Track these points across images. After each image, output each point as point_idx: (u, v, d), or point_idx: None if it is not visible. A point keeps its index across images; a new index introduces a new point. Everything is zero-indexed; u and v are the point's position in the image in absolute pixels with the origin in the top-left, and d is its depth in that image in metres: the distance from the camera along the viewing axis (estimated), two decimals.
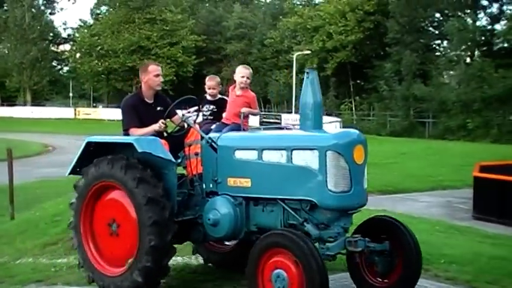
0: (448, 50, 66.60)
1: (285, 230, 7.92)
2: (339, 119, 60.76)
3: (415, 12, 66.44)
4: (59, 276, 10.86)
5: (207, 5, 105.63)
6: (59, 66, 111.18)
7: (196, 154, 9.12)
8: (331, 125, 51.07)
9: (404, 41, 66.65)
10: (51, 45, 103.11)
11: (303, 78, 8.41)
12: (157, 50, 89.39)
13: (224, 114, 9.87)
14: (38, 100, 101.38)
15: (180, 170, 9.65)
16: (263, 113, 77.95)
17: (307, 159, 7.95)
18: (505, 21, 65.97)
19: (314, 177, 7.85)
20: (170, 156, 8.85)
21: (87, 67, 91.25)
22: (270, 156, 8.36)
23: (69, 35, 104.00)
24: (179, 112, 9.92)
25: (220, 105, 10.14)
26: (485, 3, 68.30)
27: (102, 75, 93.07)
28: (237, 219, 8.58)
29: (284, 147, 8.22)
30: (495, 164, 21.93)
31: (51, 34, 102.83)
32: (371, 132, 58.02)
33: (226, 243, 10.32)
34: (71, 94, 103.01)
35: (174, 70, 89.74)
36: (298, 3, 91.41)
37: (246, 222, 8.68)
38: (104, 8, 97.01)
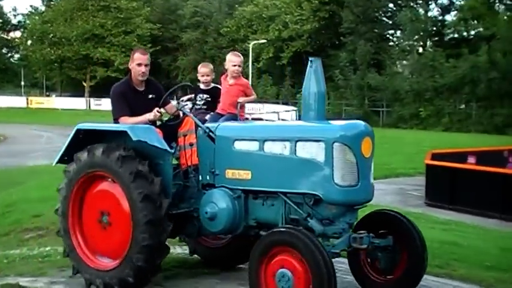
0: (401, 40, 67.43)
1: (290, 227, 7.33)
2: (295, 108, 60.85)
3: (369, 2, 67.30)
4: (12, 268, 10.39)
5: None
6: (10, 54, 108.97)
7: (191, 144, 8.58)
8: (288, 114, 51.40)
9: (359, 31, 67.33)
10: (0, 32, 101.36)
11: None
12: (111, 38, 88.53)
13: (219, 104, 9.27)
14: None
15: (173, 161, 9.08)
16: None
17: (312, 151, 7.42)
18: (455, 12, 67.68)
19: (319, 170, 7.34)
20: (166, 146, 8.23)
21: (39, 55, 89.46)
22: (272, 148, 7.80)
23: (19, 22, 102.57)
24: (172, 101, 9.43)
25: (214, 94, 9.44)
26: None
27: (55, 64, 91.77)
28: (236, 213, 8.00)
29: (287, 138, 7.67)
30: (446, 152, 22.53)
31: (0, 20, 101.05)
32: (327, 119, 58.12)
33: (221, 237, 9.57)
34: (22, 83, 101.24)
35: (129, 59, 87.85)
36: None
37: (244, 216, 8.11)
38: None
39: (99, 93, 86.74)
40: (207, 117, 8.87)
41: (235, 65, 8.97)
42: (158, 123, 8.92)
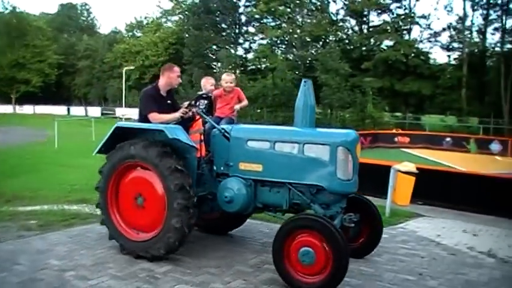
0: (221, 69, 67.87)
1: (309, 214, 6.45)
2: None
3: (200, 44, 67.26)
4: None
5: (65, 35, 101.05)
6: None
7: (201, 141, 7.41)
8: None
9: (194, 62, 67.12)
10: None
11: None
12: (31, 65, 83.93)
13: (217, 109, 8.07)
14: None
15: None
16: (103, 107, 76.45)
17: (318, 152, 6.53)
18: (252, 53, 69.79)
19: (325, 167, 6.47)
20: (193, 143, 7.08)
21: None
22: (282, 147, 6.76)
23: None
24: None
25: (211, 100, 8.10)
26: (241, 41, 70.84)
27: None
28: (248, 197, 6.93)
29: (296, 141, 6.68)
30: None
31: None
32: None
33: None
34: None
35: (42, 79, 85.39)
36: (126, 35, 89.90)
37: (254, 199, 7.05)
38: None
39: (21, 102, 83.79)
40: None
41: (226, 82, 7.92)
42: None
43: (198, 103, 7.80)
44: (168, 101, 7.69)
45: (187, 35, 71.65)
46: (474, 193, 13.08)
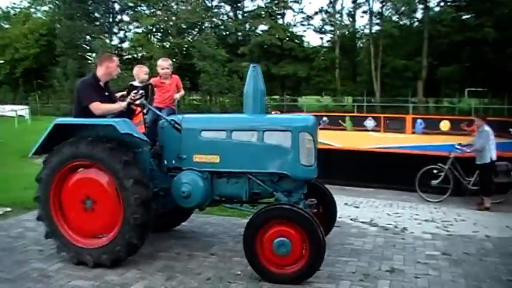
0: (96, 59, 65.96)
1: (282, 203, 6.12)
2: (27, 106, 57.06)
3: (73, 34, 64.25)
4: None
5: None
6: None
7: (144, 134, 6.78)
8: (23, 111, 48.56)
9: (68, 53, 64.41)
10: None
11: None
12: None
13: (155, 98, 7.51)
14: None
15: None
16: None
17: (279, 139, 6.26)
18: (127, 42, 68.22)
19: (287, 154, 6.22)
20: (145, 137, 6.53)
21: None
22: (240, 136, 6.44)
23: None
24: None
25: (147, 89, 7.29)
26: (116, 30, 68.86)
27: None
28: (206, 190, 6.54)
29: (255, 128, 6.37)
30: None
31: None
32: (50, 113, 55.30)
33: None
34: None
35: None
36: None
37: (211, 192, 6.68)
38: None
39: None
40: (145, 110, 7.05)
41: (163, 69, 7.58)
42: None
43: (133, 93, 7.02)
44: (106, 93, 6.98)
45: (59, 26, 67.79)
46: (353, 168, 13.73)
